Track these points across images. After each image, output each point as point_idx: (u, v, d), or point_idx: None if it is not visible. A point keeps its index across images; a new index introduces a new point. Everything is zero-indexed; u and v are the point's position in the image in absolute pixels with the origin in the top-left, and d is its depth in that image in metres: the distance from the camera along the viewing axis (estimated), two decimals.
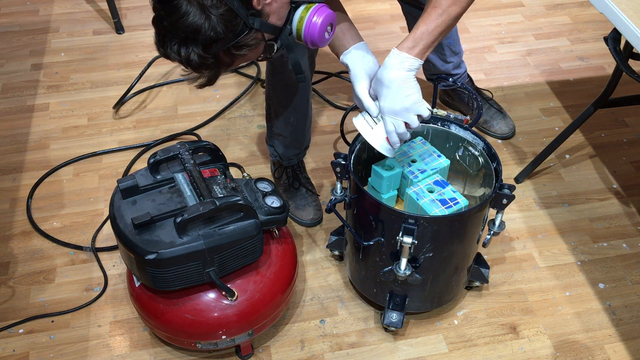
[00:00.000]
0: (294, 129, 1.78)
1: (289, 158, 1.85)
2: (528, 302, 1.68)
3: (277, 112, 1.75)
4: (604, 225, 1.87)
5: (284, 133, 1.78)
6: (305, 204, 1.85)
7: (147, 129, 2.18)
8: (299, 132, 1.79)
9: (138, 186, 1.38)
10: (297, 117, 1.75)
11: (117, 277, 1.73)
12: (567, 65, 2.45)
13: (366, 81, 1.34)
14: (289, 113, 1.73)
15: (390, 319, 1.54)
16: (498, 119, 2.12)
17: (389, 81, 1.25)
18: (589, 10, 2.74)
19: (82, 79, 2.39)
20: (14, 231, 1.85)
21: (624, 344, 1.59)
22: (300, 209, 1.84)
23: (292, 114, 1.73)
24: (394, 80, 1.24)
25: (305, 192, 1.86)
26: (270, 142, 1.85)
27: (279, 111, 1.74)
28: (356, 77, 1.34)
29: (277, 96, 1.72)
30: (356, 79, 1.34)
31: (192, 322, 1.39)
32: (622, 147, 2.11)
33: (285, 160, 1.85)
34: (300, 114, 1.75)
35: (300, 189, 1.86)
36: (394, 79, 1.24)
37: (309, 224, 1.85)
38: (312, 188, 1.89)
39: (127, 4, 2.77)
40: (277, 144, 1.83)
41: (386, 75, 1.25)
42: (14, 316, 1.64)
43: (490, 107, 2.14)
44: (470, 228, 1.42)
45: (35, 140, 2.14)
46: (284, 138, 1.80)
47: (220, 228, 1.31)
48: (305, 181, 1.89)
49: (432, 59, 2.01)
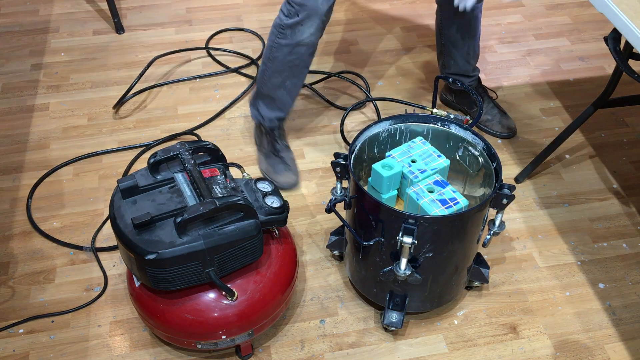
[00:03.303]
0: (286, 92, 1.84)
1: (270, 120, 1.91)
2: (528, 302, 1.68)
3: (275, 73, 1.80)
4: (604, 225, 1.87)
5: (274, 95, 1.84)
6: (283, 169, 1.92)
7: (147, 129, 2.18)
8: (289, 96, 1.86)
9: (138, 186, 1.38)
10: (293, 81, 1.82)
11: (117, 277, 1.73)
12: (567, 65, 2.45)
13: None
14: (287, 76, 1.80)
15: (390, 319, 1.54)
16: (500, 118, 2.12)
17: None
18: (589, 10, 2.75)
19: (82, 79, 2.39)
20: (14, 231, 1.85)
21: (624, 344, 1.59)
22: (278, 173, 1.92)
23: (289, 77, 1.80)
24: None
25: (284, 158, 1.93)
26: (255, 104, 1.91)
27: (277, 73, 1.79)
28: None
29: (281, 58, 1.77)
30: None
31: (192, 322, 1.39)
32: (622, 147, 2.11)
33: (267, 121, 1.91)
34: (297, 79, 1.83)
35: (280, 155, 1.93)
36: None
37: (286, 187, 1.91)
38: (291, 154, 1.95)
39: (127, 4, 2.77)
40: (261, 106, 1.89)
41: None
42: (14, 316, 1.64)
43: (494, 107, 2.14)
44: (470, 228, 1.42)
45: (35, 140, 2.14)
46: (272, 100, 1.86)
47: (220, 228, 1.31)
48: (284, 148, 1.94)
49: (456, 57, 2.02)
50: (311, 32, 1.71)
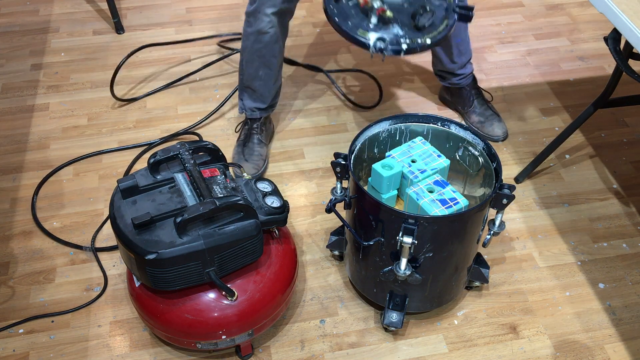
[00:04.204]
0: (263, 83, 1.92)
1: (251, 110, 2.00)
2: (528, 302, 1.68)
3: (248, 63, 1.90)
4: (604, 225, 1.87)
5: (252, 86, 1.94)
6: (249, 158, 1.97)
7: (147, 129, 2.18)
8: (266, 87, 1.94)
9: (138, 186, 1.38)
10: (265, 71, 1.89)
11: (117, 277, 1.73)
12: (567, 65, 2.45)
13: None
14: (258, 66, 1.88)
15: (390, 319, 1.54)
16: (493, 121, 2.12)
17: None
18: (589, 10, 2.75)
19: (82, 79, 2.39)
20: (14, 231, 1.85)
21: (624, 344, 1.59)
22: (247, 161, 1.97)
23: (261, 67, 1.88)
24: None
25: (254, 149, 2.00)
26: (241, 96, 2.01)
27: (250, 63, 1.89)
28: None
29: (250, 46, 1.86)
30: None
31: (192, 322, 1.39)
32: (622, 147, 2.11)
33: (248, 111, 2.00)
34: (268, 69, 1.89)
35: (249, 145, 2.00)
36: None
37: (251, 174, 1.97)
38: (263, 150, 2.02)
39: (127, 4, 2.77)
40: (245, 97, 1.99)
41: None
42: (14, 316, 1.64)
43: (488, 108, 2.14)
44: (470, 228, 1.42)
45: (35, 140, 2.14)
46: (253, 91, 1.95)
47: (220, 228, 1.31)
48: (257, 142, 2.00)
49: (440, 55, 2.06)
50: (269, 20, 1.77)
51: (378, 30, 1.49)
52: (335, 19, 1.50)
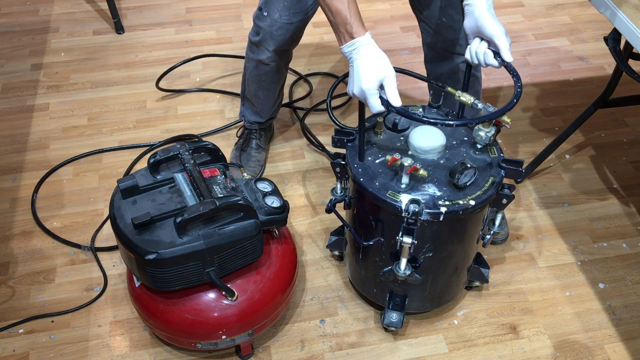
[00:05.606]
0: (261, 102, 1.94)
1: (250, 122, 2.01)
2: (528, 302, 1.68)
3: (249, 81, 1.90)
4: (604, 225, 1.87)
5: (253, 101, 1.95)
6: (246, 164, 2.00)
7: (147, 129, 2.18)
8: (265, 106, 1.95)
9: (138, 186, 1.38)
10: (265, 93, 1.90)
11: (117, 277, 1.73)
12: (567, 65, 2.45)
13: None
14: (258, 87, 1.89)
15: (390, 319, 1.54)
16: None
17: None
18: (589, 10, 2.75)
19: (82, 79, 2.39)
20: (14, 231, 1.85)
21: (624, 344, 1.59)
22: (245, 164, 2.00)
23: (260, 89, 1.89)
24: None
25: (252, 154, 2.01)
26: (243, 102, 2.02)
27: (251, 82, 1.89)
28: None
29: (250, 69, 1.86)
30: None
31: (192, 322, 1.39)
32: (622, 147, 2.11)
33: (246, 122, 2.02)
34: (268, 92, 1.90)
35: (247, 151, 2.02)
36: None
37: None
38: (261, 156, 2.03)
39: (127, 4, 2.77)
40: (246, 106, 2.00)
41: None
42: (14, 316, 1.64)
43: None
44: (470, 228, 1.42)
45: (35, 140, 2.14)
46: (253, 105, 1.96)
47: (220, 228, 1.31)
48: (256, 147, 2.03)
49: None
50: (268, 56, 1.76)
51: (410, 192, 1.33)
52: (360, 179, 1.36)
